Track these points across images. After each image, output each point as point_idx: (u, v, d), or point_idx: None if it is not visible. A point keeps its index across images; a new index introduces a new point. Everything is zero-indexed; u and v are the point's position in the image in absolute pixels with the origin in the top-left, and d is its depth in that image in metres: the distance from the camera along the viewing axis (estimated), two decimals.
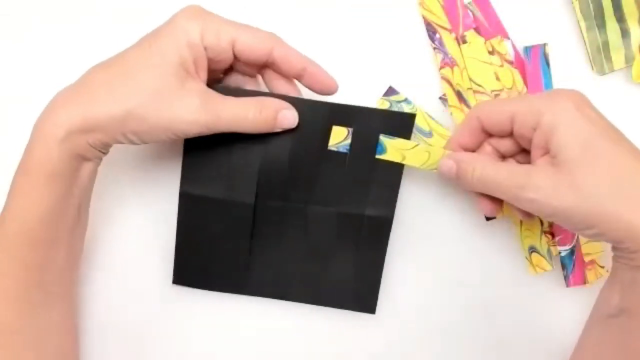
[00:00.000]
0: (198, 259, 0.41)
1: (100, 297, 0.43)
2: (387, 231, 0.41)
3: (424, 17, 0.45)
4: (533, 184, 0.34)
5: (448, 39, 0.44)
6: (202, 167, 0.40)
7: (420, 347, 0.44)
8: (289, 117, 0.38)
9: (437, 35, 0.45)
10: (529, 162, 0.37)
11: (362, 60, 0.45)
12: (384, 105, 0.44)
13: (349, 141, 0.39)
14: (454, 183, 0.38)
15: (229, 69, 0.39)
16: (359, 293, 0.42)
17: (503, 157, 0.39)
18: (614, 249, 0.35)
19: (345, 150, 0.40)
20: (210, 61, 0.36)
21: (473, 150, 0.39)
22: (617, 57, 0.44)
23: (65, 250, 0.37)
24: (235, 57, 0.37)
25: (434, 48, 0.45)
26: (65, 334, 0.39)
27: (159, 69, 0.34)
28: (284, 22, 0.45)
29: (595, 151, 0.32)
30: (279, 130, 0.38)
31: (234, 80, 0.40)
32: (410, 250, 0.44)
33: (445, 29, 0.45)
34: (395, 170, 0.40)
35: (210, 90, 0.36)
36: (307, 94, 0.40)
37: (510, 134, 0.37)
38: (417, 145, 0.39)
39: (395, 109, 0.44)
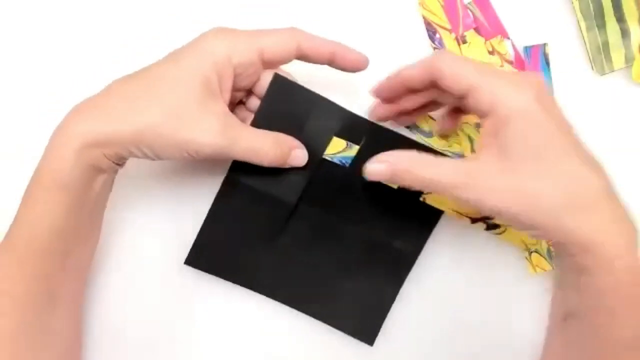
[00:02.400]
0: (218, 245, 0.41)
1: (106, 296, 0.44)
2: (408, 269, 0.41)
3: (424, 17, 0.45)
4: (473, 184, 0.32)
5: (448, 39, 0.45)
6: None
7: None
8: (299, 157, 0.38)
9: (437, 35, 0.45)
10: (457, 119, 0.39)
11: None
12: None
13: (347, 154, 0.39)
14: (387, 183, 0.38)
15: (250, 92, 0.39)
16: (363, 321, 0.42)
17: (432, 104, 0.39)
18: (554, 246, 0.34)
19: (339, 163, 0.39)
20: (237, 78, 0.36)
21: (409, 90, 0.38)
22: (617, 57, 0.44)
23: (75, 260, 0.37)
24: (266, 65, 0.37)
25: (434, 48, 0.45)
26: (69, 340, 0.39)
27: (182, 88, 0.34)
28: (283, 22, 0.45)
29: (544, 153, 0.31)
30: (287, 167, 0.38)
31: (255, 103, 0.39)
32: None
33: (445, 29, 0.45)
34: (435, 214, 0.40)
35: (231, 115, 0.36)
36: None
37: (459, 97, 0.35)
38: None
39: None
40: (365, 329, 0.42)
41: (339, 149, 0.39)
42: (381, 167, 0.35)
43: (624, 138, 0.45)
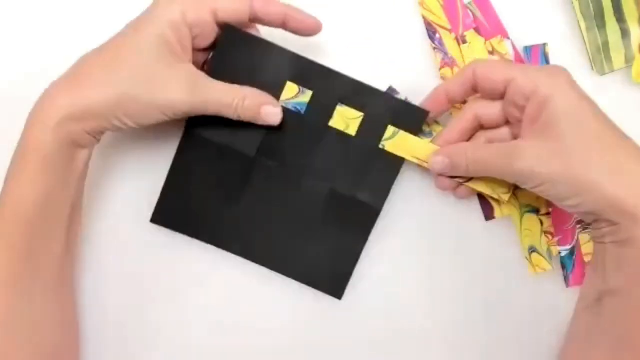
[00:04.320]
0: (183, 202, 0.41)
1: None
2: (373, 221, 0.42)
3: (424, 17, 0.45)
4: (521, 153, 0.35)
5: (448, 39, 0.45)
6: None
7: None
8: (272, 114, 0.39)
9: (437, 35, 0.45)
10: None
11: (362, 60, 0.45)
12: None
13: (301, 100, 0.39)
14: (447, 174, 0.40)
15: (213, 46, 0.40)
16: (331, 276, 0.42)
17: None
18: (596, 229, 0.36)
19: (294, 109, 0.40)
20: (195, 39, 0.37)
21: (453, 102, 0.40)
22: (617, 57, 0.44)
23: (61, 239, 0.37)
24: (220, 27, 0.38)
25: (434, 48, 0.45)
26: (63, 327, 0.39)
27: (146, 52, 0.35)
28: None
29: (584, 124, 0.34)
30: (262, 123, 0.39)
31: None
32: (410, 245, 0.44)
33: (445, 29, 0.45)
34: (396, 162, 0.41)
35: (199, 73, 0.37)
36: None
37: (500, 97, 0.38)
38: (420, 141, 0.40)
39: None
40: (333, 283, 0.42)
41: (292, 94, 0.39)
42: (444, 159, 0.39)
43: None
